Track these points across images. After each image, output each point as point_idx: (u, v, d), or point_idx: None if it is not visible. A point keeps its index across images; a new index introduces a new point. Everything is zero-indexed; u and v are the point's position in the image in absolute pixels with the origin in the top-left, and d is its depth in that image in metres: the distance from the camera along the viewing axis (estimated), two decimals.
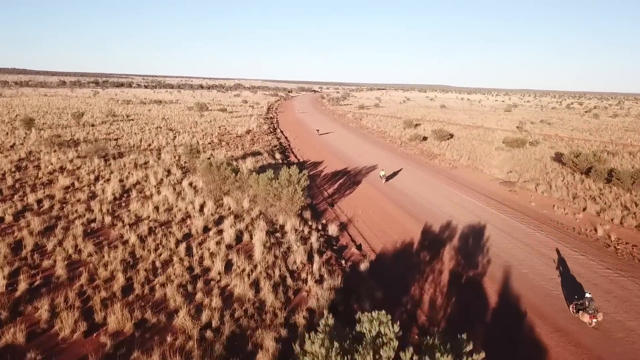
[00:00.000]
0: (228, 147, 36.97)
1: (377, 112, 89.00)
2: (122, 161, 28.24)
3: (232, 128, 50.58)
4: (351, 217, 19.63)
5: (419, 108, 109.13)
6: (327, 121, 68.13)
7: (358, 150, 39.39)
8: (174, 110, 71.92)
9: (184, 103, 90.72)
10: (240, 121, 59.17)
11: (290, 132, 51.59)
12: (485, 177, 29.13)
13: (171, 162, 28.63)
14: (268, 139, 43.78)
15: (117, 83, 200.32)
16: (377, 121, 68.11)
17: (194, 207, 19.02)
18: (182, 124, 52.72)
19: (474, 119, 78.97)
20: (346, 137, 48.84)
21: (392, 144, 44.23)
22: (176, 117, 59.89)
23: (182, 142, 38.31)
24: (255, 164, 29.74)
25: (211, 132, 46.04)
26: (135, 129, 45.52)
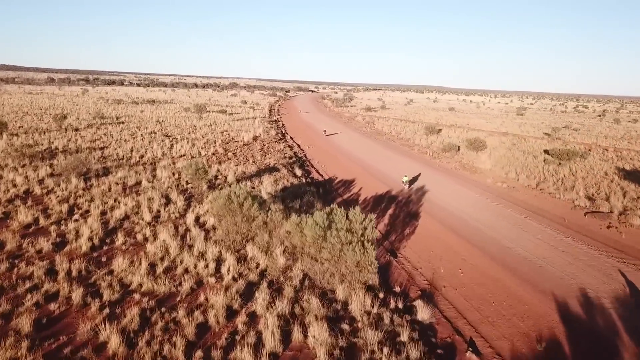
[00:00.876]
0: (236, 159, 30.99)
1: (386, 115, 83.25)
2: (108, 181, 22.18)
3: (236, 134, 44.55)
4: (431, 278, 13.76)
5: (427, 110, 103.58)
6: (338, 125, 62.28)
7: (388, 162, 33.58)
8: (169, 111, 65.68)
9: (179, 103, 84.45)
10: (243, 125, 53.12)
11: (303, 140, 45.64)
12: (560, 203, 23.38)
13: (170, 183, 22.62)
14: (279, 147, 37.82)
15: (109, 81, 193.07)
16: (391, 125, 62.34)
17: (207, 264, 13.08)
18: (179, 128, 46.60)
19: (491, 123, 73.48)
20: (367, 145, 43.01)
21: (422, 155, 38.45)
22: (172, 120, 53.73)
23: (180, 151, 32.28)
24: (275, 184, 23.79)
25: (213, 138, 40.00)
26: (126, 134, 39.38)
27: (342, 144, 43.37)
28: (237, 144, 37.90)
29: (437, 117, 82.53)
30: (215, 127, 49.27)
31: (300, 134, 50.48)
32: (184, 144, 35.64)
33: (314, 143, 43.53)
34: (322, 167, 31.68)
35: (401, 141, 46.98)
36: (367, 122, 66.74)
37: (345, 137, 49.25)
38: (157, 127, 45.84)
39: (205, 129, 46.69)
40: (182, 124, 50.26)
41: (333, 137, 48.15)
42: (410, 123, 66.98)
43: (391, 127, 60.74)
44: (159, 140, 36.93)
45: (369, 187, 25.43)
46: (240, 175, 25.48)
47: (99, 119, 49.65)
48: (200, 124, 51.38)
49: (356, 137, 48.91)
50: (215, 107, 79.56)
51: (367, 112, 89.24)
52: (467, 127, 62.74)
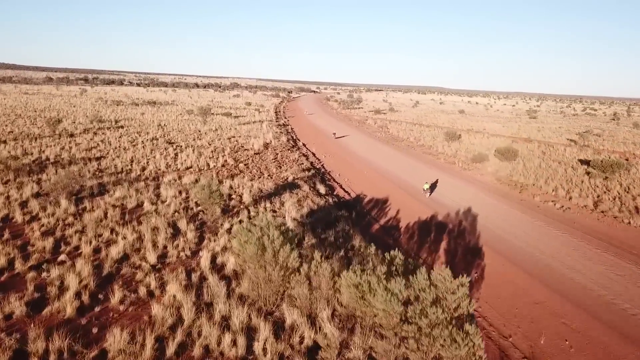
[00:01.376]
0: (250, 172, 27.54)
1: (397, 118, 79.80)
2: (103, 203, 18.73)
3: (245, 140, 41.11)
4: (531, 354, 10.28)
5: (436, 113, 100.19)
6: (350, 130, 58.84)
7: (416, 174, 30.19)
8: (171, 114, 62.18)
9: (181, 105, 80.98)
10: (251, 130, 49.68)
11: (317, 147, 42.17)
12: (635, 231, 19.93)
13: (177, 205, 19.16)
14: (294, 157, 34.36)
15: (108, 80, 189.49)
16: (406, 130, 58.91)
17: (235, 338, 9.63)
18: (182, 133, 43.13)
19: (507, 127, 70.07)
20: (388, 153, 39.60)
21: (450, 165, 35.02)
22: (175, 124, 50.26)
23: (186, 162, 28.87)
24: (299, 207, 20.34)
25: (221, 146, 36.58)
26: (125, 141, 35.94)
27: (360, 151, 39.94)
28: (247, 153, 34.43)
29: (449, 120, 79.11)
30: (221, 132, 45.81)
31: (312, 140, 47.00)
32: (189, 153, 32.19)
33: (329, 150, 40.06)
34: (345, 181, 28.22)
35: (422, 148, 43.51)
36: (379, 126, 63.29)
37: (361, 143, 45.82)
38: (159, 133, 42.36)
39: (211, 135, 43.22)
40: (185, 129, 46.79)
41: (348, 143, 44.74)
42: (425, 127, 63.54)
43: (407, 132, 57.31)
44: (162, 149, 33.48)
45: (406, 207, 21.99)
46: (256, 194, 22.02)
47: (96, 123, 46.18)
48: (205, 128, 47.92)
49: (373, 144, 45.45)
50: (219, 110, 76.10)
51: (376, 114, 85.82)
52: (485, 132, 59.28)
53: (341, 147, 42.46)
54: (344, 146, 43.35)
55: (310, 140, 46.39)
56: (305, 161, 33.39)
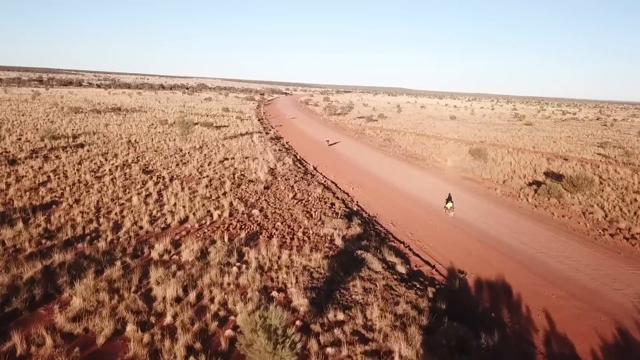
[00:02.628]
0: (274, 229, 19.14)
1: (393, 126, 72.53)
2: (46, 345, 9.97)
3: (243, 164, 32.60)
4: None
5: (428, 119, 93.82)
6: (355, 144, 50.98)
7: (498, 220, 22.45)
8: (141, 124, 52.48)
9: (150, 112, 70.98)
10: (243, 146, 41.04)
11: (334, 172, 33.98)
12: None
13: (186, 339, 10.52)
14: (317, 193, 26.11)
15: (65, 81, 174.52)
16: (416, 143, 51.63)
17: None
18: (160, 154, 34.13)
19: (518, 138, 63.82)
20: (425, 181, 31.97)
21: (513, 200, 27.59)
22: (148, 139, 41.01)
23: (177, 210, 20.34)
24: (399, 325, 12.04)
25: (216, 175, 28.06)
26: (87, 170, 26.83)
27: (389, 177, 32.16)
28: (254, 187, 25.91)
29: (451, 129, 72.48)
30: (208, 151, 36.98)
31: (321, 160, 38.83)
32: (177, 191, 23.49)
33: (353, 178, 32.03)
34: (410, 237, 20.05)
35: (457, 172, 35.98)
36: (384, 138, 55.64)
37: (381, 164, 38.09)
38: (131, 155, 33.19)
39: (197, 156, 34.38)
40: (163, 147, 37.66)
41: (365, 165, 37.01)
42: (433, 140, 56.39)
43: (419, 145, 49.93)
44: (139, 183, 24.60)
45: (558, 306, 14.03)
46: (307, 285, 13.65)
47: (49, 141, 36.48)
48: (187, 146, 38.87)
49: (397, 166, 37.72)
50: (195, 117, 66.66)
51: (369, 122, 78.32)
52: (505, 146, 52.52)
53: (364, 172, 34.45)
54: (365, 169, 35.41)
55: (320, 161, 38.13)
56: (334, 199, 25.15)
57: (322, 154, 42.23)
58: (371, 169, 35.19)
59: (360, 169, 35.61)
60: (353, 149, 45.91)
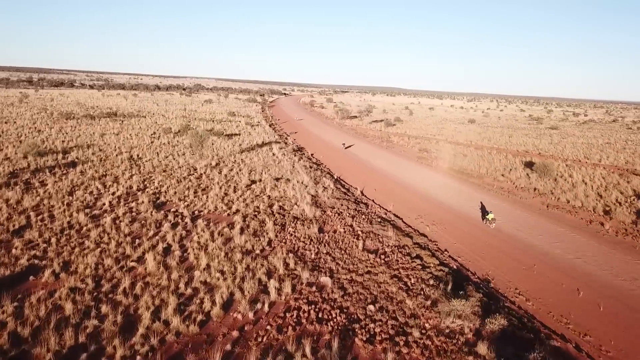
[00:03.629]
0: (367, 318, 12.56)
1: (418, 132, 66.26)
2: None
3: (275, 190, 26.19)
4: None
5: (447, 123, 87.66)
6: (387, 155, 44.65)
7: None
8: (142, 133, 45.76)
9: (150, 117, 64.17)
10: (266, 162, 34.62)
11: (392, 200, 27.39)
12: None
13: None
14: (391, 239, 19.59)
15: (56, 82, 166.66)
16: (457, 155, 45.29)
17: None
18: (171, 177, 27.63)
19: (565, 148, 57.57)
20: (499, 207, 25.42)
21: (634, 241, 21.09)
22: (153, 155, 34.45)
23: (209, 274, 13.78)
24: None
25: (249, 211, 21.59)
26: (80, 205, 20.20)
27: (457, 205, 26.06)
28: (305, 230, 19.45)
29: (480, 135, 66.22)
30: (228, 171, 30.47)
31: (361, 179, 32.61)
32: (205, 241, 17.02)
33: (414, 206, 25.65)
34: (577, 331, 13.48)
35: (538, 197, 29.61)
36: (419, 148, 49.22)
37: (434, 184, 31.78)
38: (135, 177, 26.63)
39: (216, 177, 27.90)
40: (172, 165, 31.10)
41: (429, 190, 30.43)
42: (472, 149, 50.07)
43: (461, 157, 43.54)
44: (151, 229, 18.04)
45: None
46: None
47: (33, 158, 29.82)
48: (201, 163, 32.25)
49: (457, 187, 31.41)
50: (201, 123, 59.95)
51: (387, 127, 71.91)
52: (560, 158, 46.25)
53: (423, 197, 28.03)
54: (421, 192, 29.06)
55: (362, 181, 31.69)
56: (416, 247, 18.67)
57: (359, 170, 35.79)
58: (430, 193, 28.82)
59: (416, 191, 29.24)
60: (390, 163, 39.53)
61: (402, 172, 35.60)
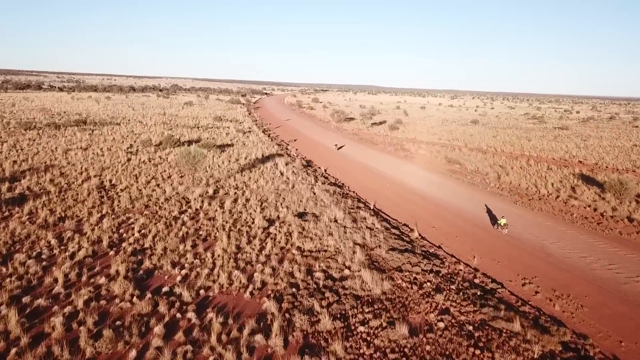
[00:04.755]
0: None
1: (430, 139, 59.51)
2: None
3: (303, 237, 18.56)
4: None
5: (452, 125, 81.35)
6: (413, 169, 37.67)
7: None
8: (116, 147, 37.62)
9: (125, 124, 55.68)
10: (276, 186, 27.18)
11: (471, 248, 20.26)
12: None
13: None
14: (508, 329, 12.23)
15: (22, 84, 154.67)
16: (495, 166, 38.53)
17: None
18: (158, 217, 20.04)
19: (599, 153, 51.52)
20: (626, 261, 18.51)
21: None
22: (130, 179, 26.58)
23: None
24: None
25: (283, 284, 14.12)
26: (12, 288, 12.17)
27: (561, 256, 18.69)
28: (382, 331, 12.00)
29: (495, 139, 59.88)
30: (231, 203, 22.93)
31: (407, 209, 25.34)
32: None
33: (508, 260, 18.45)
34: None
35: (573, 212, 22.90)
36: (447, 159, 42.29)
37: (506, 216, 24.62)
38: (106, 223, 18.97)
39: (219, 216, 20.40)
40: (157, 197, 23.35)
41: (485, 221, 23.34)
42: (504, 158, 43.59)
43: (500, 169, 36.75)
44: (131, 333, 10.38)
45: None
46: None
47: None
48: (195, 192, 24.51)
49: (540, 222, 24.25)
50: (185, 131, 51.92)
51: (392, 131, 65.05)
52: (607, 167, 40.00)
53: (507, 241, 20.94)
54: (528, 242, 21.75)
55: (410, 213, 24.50)
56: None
57: (394, 194, 28.68)
58: (515, 231, 21.69)
59: (488, 227, 22.12)
60: (426, 182, 32.62)
61: (449, 196, 28.63)
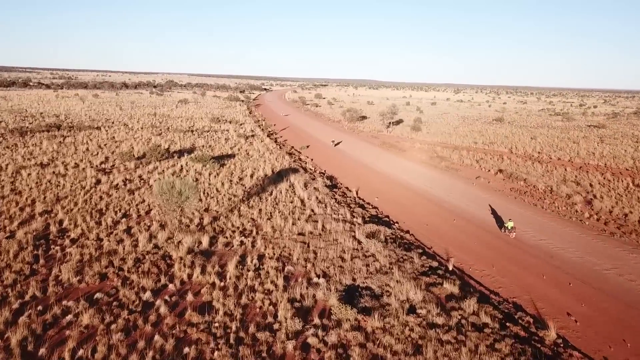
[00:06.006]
0: None
1: (464, 143, 51.29)
2: None
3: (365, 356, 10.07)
4: None
5: (485, 126, 72.96)
6: (487, 196, 29.47)
7: None
8: (85, 160, 29.22)
9: (107, 127, 47.18)
10: (300, 227, 18.76)
11: None
12: None
13: None
14: None
15: (7, 81, 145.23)
16: (569, 182, 30.27)
17: None
18: (119, 317, 11.30)
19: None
20: None
21: None
22: (91, 220, 18.09)
23: None
24: None
25: None
26: None
27: None
28: None
29: (541, 144, 51.52)
30: (235, 265, 14.52)
31: (525, 280, 16.82)
32: None
33: None
34: None
35: None
36: (509, 174, 34.00)
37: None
38: (24, 318, 10.25)
39: (218, 296, 12.06)
40: (124, 251, 15.11)
41: None
42: (578, 171, 35.24)
43: (568, 186, 28.54)
44: None
45: None
46: None
47: None
48: (183, 246, 16.11)
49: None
50: (177, 137, 43.48)
51: (413, 131, 56.70)
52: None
53: None
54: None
55: (526, 285, 16.11)
56: None
57: (474, 238, 20.36)
58: None
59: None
60: (501, 212, 24.15)
61: (557, 241, 20.26)
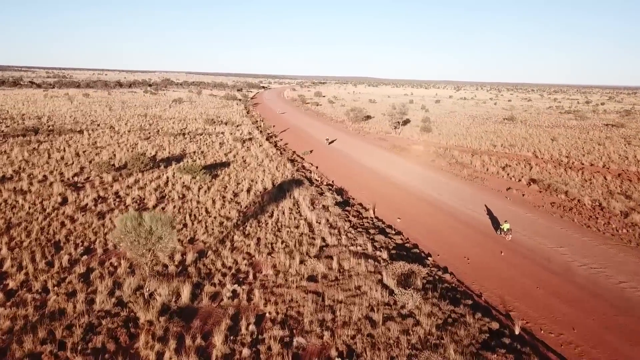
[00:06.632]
0: None
1: (486, 147, 47.07)
2: None
3: None
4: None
5: (500, 126, 68.78)
6: (527, 215, 25.09)
7: None
8: (56, 175, 24.90)
9: (90, 130, 42.81)
10: (312, 267, 14.77)
11: None
12: None
13: None
14: None
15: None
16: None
17: None
18: None
19: None
20: None
21: None
22: (48, 248, 13.62)
23: None
24: None
25: None
26: None
27: None
28: None
29: (561, 145, 47.44)
30: (228, 335, 10.07)
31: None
32: None
33: None
34: None
35: None
36: (545, 185, 29.79)
37: None
38: None
39: None
40: (75, 311, 10.84)
41: None
42: (611, 178, 31.18)
43: (618, 200, 24.26)
44: None
45: None
46: None
47: None
48: (158, 299, 11.79)
49: None
50: (166, 141, 39.10)
51: (424, 133, 52.44)
52: None
53: None
54: None
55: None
56: None
57: (542, 284, 16.08)
58: None
59: None
60: (561, 245, 19.93)
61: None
